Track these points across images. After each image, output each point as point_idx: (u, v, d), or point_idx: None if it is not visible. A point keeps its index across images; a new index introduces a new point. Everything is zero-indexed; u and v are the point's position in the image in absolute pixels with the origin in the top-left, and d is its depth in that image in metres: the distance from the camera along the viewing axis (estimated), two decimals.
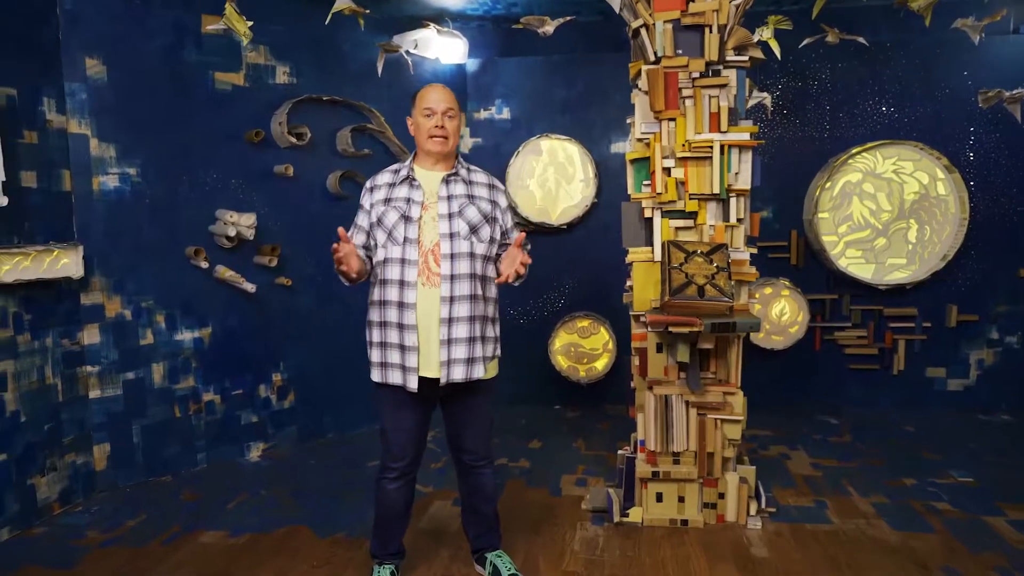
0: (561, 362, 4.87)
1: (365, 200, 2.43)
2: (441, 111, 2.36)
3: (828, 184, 4.54)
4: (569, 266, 4.92)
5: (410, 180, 2.40)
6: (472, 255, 2.35)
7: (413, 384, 2.31)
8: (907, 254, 4.57)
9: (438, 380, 2.34)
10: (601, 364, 4.85)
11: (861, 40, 4.00)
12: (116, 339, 3.55)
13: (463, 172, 2.45)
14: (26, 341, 3.12)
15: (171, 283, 3.70)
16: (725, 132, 2.91)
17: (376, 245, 2.40)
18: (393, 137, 4.39)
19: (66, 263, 3.25)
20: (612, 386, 4.92)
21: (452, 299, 2.31)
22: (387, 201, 2.37)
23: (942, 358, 4.69)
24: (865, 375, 4.77)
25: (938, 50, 4.49)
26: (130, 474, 3.61)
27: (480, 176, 2.49)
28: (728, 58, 2.92)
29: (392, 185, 2.41)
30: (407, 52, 4.43)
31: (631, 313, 3.14)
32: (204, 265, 3.67)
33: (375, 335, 2.39)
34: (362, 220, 2.44)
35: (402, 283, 2.32)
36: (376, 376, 2.39)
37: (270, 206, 4.02)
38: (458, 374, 2.34)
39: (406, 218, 2.33)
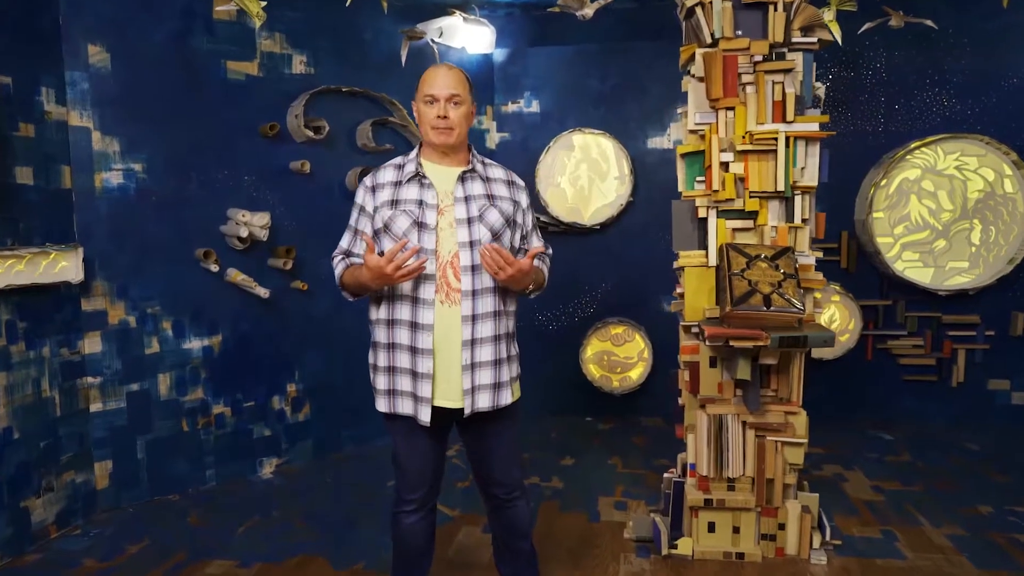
0: (593, 371, 4.57)
1: (367, 201, 2.11)
2: (444, 97, 2.05)
3: (883, 181, 4.21)
4: (602, 269, 4.62)
5: (420, 178, 2.09)
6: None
7: (425, 416, 2.02)
8: (970, 257, 4.23)
9: (456, 410, 2.06)
10: (636, 374, 4.55)
11: (929, 23, 3.67)
12: (119, 348, 3.30)
13: (479, 167, 2.14)
14: (20, 351, 2.87)
15: (179, 287, 3.44)
16: (791, 122, 2.60)
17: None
18: (417, 131, 4.11)
19: (64, 266, 3.00)
20: (647, 397, 4.62)
21: (475, 318, 2.03)
22: (394, 204, 2.07)
23: (1006, 369, 4.34)
24: (921, 387, 4.43)
25: (1006, 35, 4.14)
26: (134, 493, 3.36)
27: (498, 171, 2.19)
28: (794, 39, 2.61)
29: (398, 184, 2.09)
30: (432, 41, 4.16)
31: (681, 324, 2.83)
32: (214, 268, 3.41)
33: (381, 358, 2.10)
34: (363, 224, 2.12)
35: (416, 300, 2.02)
36: (383, 406, 2.11)
37: (285, 205, 3.76)
38: (484, 402, 2.05)
39: (420, 225, 2.03)
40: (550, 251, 2.30)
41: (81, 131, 3.16)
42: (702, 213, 2.74)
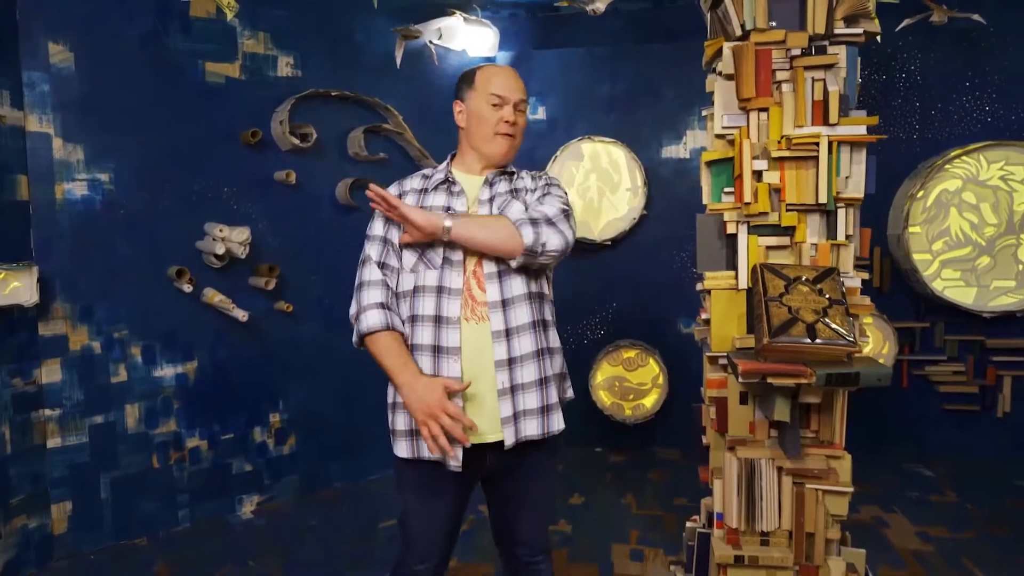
0: (604, 398, 4.23)
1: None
2: (514, 102, 1.83)
3: (920, 193, 3.87)
4: (613, 288, 4.28)
5: (449, 184, 1.83)
6: (527, 269, 1.77)
7: (456, 460, 1.69)
8: (1017, 275, 3.87)
9: (494, 445, 1.74)
10: (650, 401, 4.20)
11: (977, 18, 3.35)
12: (82, 377, 2.98)
13: (510, 172, 1.91)
14: None
15: (149, 310, 3.13)
16: (834, 125, 2.27)
17: (400, 270, 1.81)
18: (413, 140, 3.81)
19: (16, 287, 2.69)
20: (663, 427, 4.27)
21: (509, 333, 1.74)
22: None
23: None
24: (963, 417, 4.07)
25: None
26: (96, 537, 3.03)
27: (525, 174, 1.95)
28: (837, 31, 2.28)
29: (423, 192, 1.84)
30: (431, 42, 3.86)
31: (707, 354, 2.49)
32: (187, 289, 3.10)
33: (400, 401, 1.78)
34: (391, 233, 1.81)
35: (439, 320, 1.73)
36: (403, 450, 1.77)
37: (269, 219, 3.45)
38: (533, 429, 1.75)
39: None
40: (546, 211, 1.83)
41: (40, 137, 2.86)
42: (731, 229, 2.40)
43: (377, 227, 1.85)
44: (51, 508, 2.93)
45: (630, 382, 4.22)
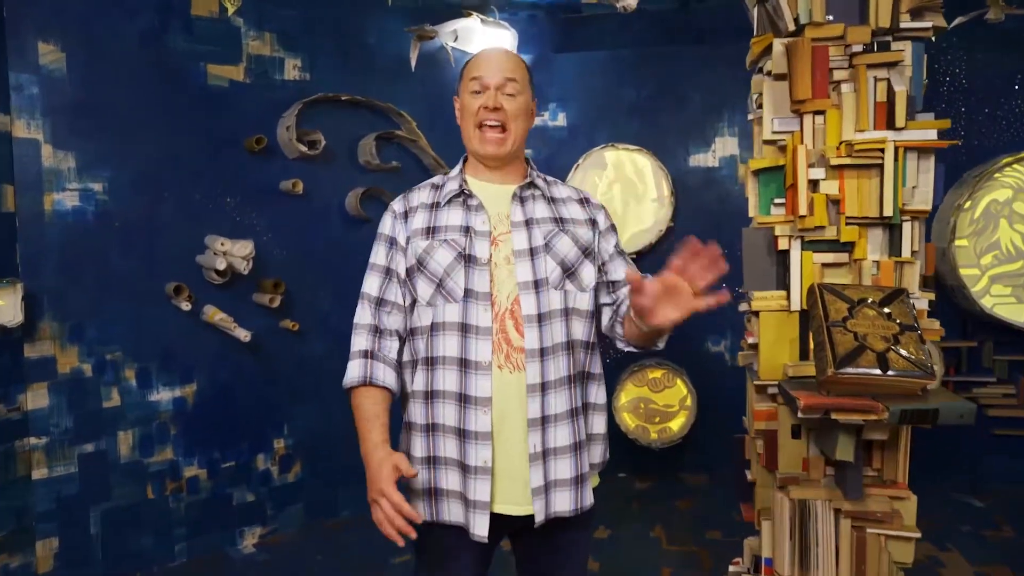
0: (628, 421, 3.98)
1: (397, 230, 1.58)
2: (496, 84, 1.53)
3: (967, 204, 3.62)
4: None
5: (465, 197, 1.57)
6: (569, 313, 1.53)
7: (482, 529, 1.45)
8: None
9: (525, 517, 1.49)
10: (677, 424, 3.96)
11: None
12: (71, 402, 2.77)
13: (540, 183, 1.62)
14: None
15: (145, 329, 2.92)
16: (901, 129, 2.04)
17: (415, 302, 1.57)
18: (427, 147, 3.59)
19: (0, 306, 2.48)
20: (691, 451, 4.02)
21: (545, 387, 1.48)
22: (430, 232, 1.54)
23: None
24: (1014, 443, 3.80)
25: None
26: (85, 575, 2.81)
27: (564, 190, 1.67)
28: (903, 24, 2.05)
29: (435, 207, 1.58)
30: (447, 45, 3.66)
31: (755, 382, 2.25)
32: (185, 307, 2.88)
33: (417, 446, 1.54)
34: (398, 262, 1.57)
35: (465, 364, 1.48)
36: (421, 511, 1.53)
37: (274, 231, 3.24)
38: (564, 504, 1.49)
39: (468, 259, 1.50)
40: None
41: (28, 144, 2.66)
42: (783, 244, 2.17)
43: (379, 254, 1.61)
44: (36, 545, 2.70)
45: (656, 404, 3.97)
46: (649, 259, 4.01)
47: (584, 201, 1.66)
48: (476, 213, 1.54)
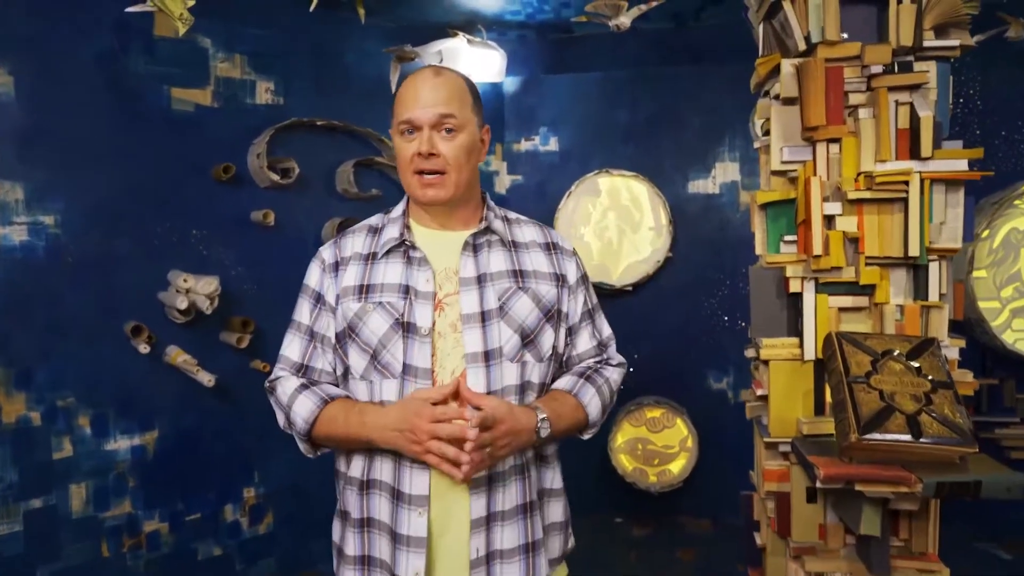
0: (625, 463, 3.74)
1: (325, 285, 1.37)
2: (429, 122, 1.31)
3: (985, 233, 3.42)
4: (634, 338, 3.82)
5: (406, 248, 1.35)
6: (525, 389, 1.31)
7: None
8: None
9: None
10: (677, 467, 3.72)
11: None
12: (16, 453, 2.53)
13: (499, 226, 1.39)
14: None
15: (101, 373, 2.69)
16: (927, 159, 1.82)
17: (344, 373, 1.35)
18: None
19: None
20: (692, 496, 3.78)
21: (492, 479, 1.27)
22: (363, 291, 1.32)
23: None
24: None
25: None
26: None
27: (530, 231, 1.45)
28: (927, 43, 1.85)
29: (371, 258, 1.35)
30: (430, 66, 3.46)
31: (765, 439, 2.02)
32: (143, 349, 2.65)
33: (350, 543, 1.32)
34: (324, 323, 1.36)
35: (400, 453, 1.27)
36: None
37: (244, 265, 3.02)
38: None
39: (407, 328, 1.28)
40: (614, 357, 1.52)
41: None
42: (794, 286, 1.95)
43: (302, 311, 1.40)
44: None
45: (655, 445, 3.74)
46: (646, 292, 3.79)
47: (551, 247, 1.42)
48: (419, 269, 1.32)
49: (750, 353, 2.17)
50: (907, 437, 1.58)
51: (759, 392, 2.07)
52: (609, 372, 1.47)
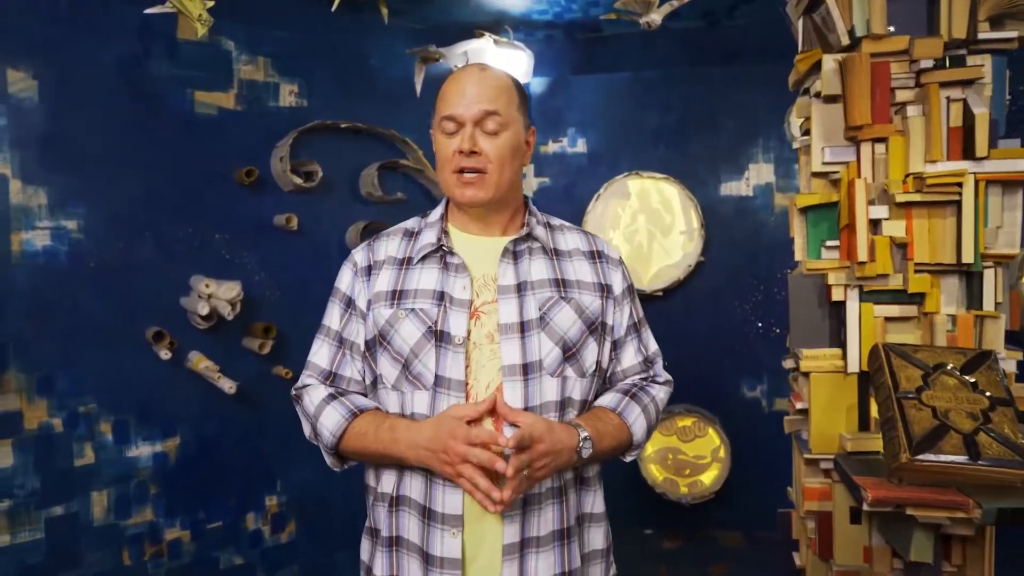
0: (655, 473, 3.64)
1: (357, 290, 1.31)
2: (472, 118, 1.24)
3: None
4: (665, 345, 3.61)
5: (444, 254, 1.28)
6: (565, 406, 1.23)
7: None
8: None
9: None
10: (709, 478, 3.60)
11: None
12: (39, 460, 2.51)
13: (541, 233, 1.32)
14: None
15: (123, 379, 2.67)
16: (982, 159, 1.71)
17: (374, 382, 1.28)
18: (435, 176, 3.33)
19: None
20: (724, 507, 3.65)
21: (527, 505, 1.20)
22: (396, 297, 1.26)
23: None
24: None
25: None
26: None
27: (574, 238, 1.38)
28: (981, 35, 1.73)
29: (406, 263, 1.29)
30: (456, 68, 3.40)
31: (806, 456, 1.92)
32: (165, 355, 2.63)
33: (380, 563, 1.26)
34: (354, 330, 1.31)
35: (432, 472, 1.20)
36: None
37: (267, 270, 2.99)
38: None
39: (440, 337, 1.22)
40: (661, 375, 1.45)
41: None
42: (837, 294, 1.84)
43: (332, 316, 1.35)
44: None
45: (686, 455, 3.62)
46: (677, 297, 3.69)
47: (596, 256, 1.35)
48: (456, 275, 1.25)
49: (788, 364, 2.07)
50: (964, 458, 1.47)
51: (799, 405, 1.97)
52: (655, 390, 1.39)
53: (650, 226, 3.66)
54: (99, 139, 2.61)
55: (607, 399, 1.32)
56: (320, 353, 1.35)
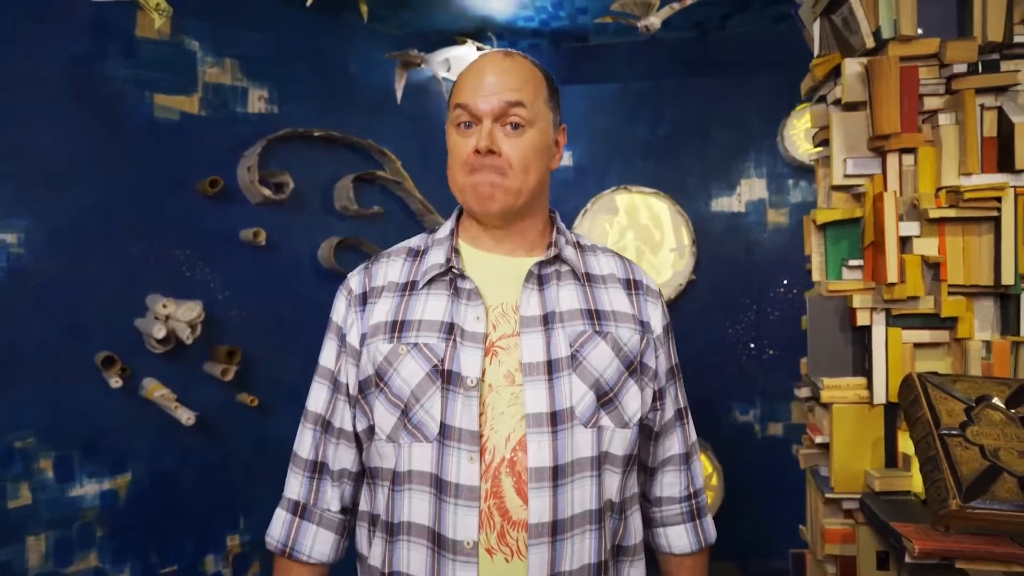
0: None
1: (350, 321, 1.12)
2: (492, 113, 1.05)
3: None
4: None
5: (454, 277, 1.08)
6: (603, 462, 1.03)
7: None
8: None
9: None
10: None
11: None
12: None
13: (570, 253, 1.13)
14: None
15: (67, 410, 2.40)
16: (1022, 171, 1.57)
17: (369, 431, 1.09)
18: (414, 190, 3.14)
19: None
20: (718, 538, 3.47)
21: None
22: (396, 329, 1.06)
23: None
24: None
25: None
26: None
27: (607, 262, 1.18)
28: (1018, 38, 1.61)
29: (409, 289, 1.09)
30: (439, 77, 3.23)
31: (827, 495, 1.75)
32: (115, 383, 2.38)
33: None
34: (347, 370, 1.12)
35: (439, 542, 0.99)
36: None
37: (232, 289, 2.75)
38: None
39: (447, 378, 1.02)
40: (692, 437, 1.28)
41: None
42: (862, 319, 1.69)
43: (327, 354, 1.15)
44: None
45: None
46: (669, 316, 3.52)
47: (634, 285, 1.15)
48: (468, 303, 1.05)
49: (803, 393, 1.91)
50: (1022, 505, 1.30)
51: (818, 439, 1.80)
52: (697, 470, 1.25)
53: (639, 243, 3.50)
54: (45, 144, 2.37)
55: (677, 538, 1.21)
56: (315, 396, 1.16)
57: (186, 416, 2.43)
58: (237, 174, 2.75)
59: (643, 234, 3.50)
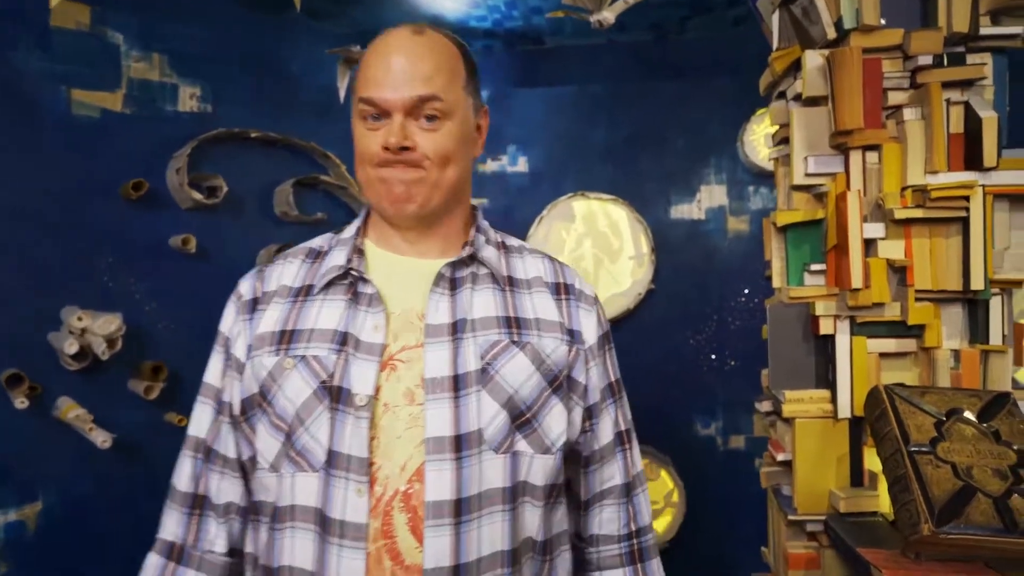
0: None
1: (237, 331, 0.99)
2: (404, 105, 0.92)
3: None
4: None
5: (353, 281, 0.95)
6: (517, 494, 0.90)
7: None
8: None
9: None
10: (662, 525, 3.30)
11: None
12: None
13: (490, 254, 1.00)
14: None
15: None
16: (990, 169, 1.48)
17: (253, 461, 0.94)
18: (359, 195, 2.98)
19: None
20: (679, 557, 3.35)
21: None
22: (284, 340, 0.93)
23: None
24: None
25: None
26: None
27: (534, 264, 1.05)
28: (984, 30, 1.52)
29: (303, 294, 0.96)
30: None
31: (791, 517, 1.63)
32: (22, 404, 2.17)
33: None
34: (231, 386, 0.98)
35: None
36: None
37: (159, 299, 2.56)
38: None
39: (336, 396, 0.88)
40: (637, 467, 1.13)
41: None
42: (825, 327, 1.58)
43: (212, 368, 1.01)
44: None
45: None
46: (627, 327, 3.41)
47: (564, 289, 1.02)
48: (368, 310, 0.91)
49: (764, 407, 1.79)
50: (998, 528, 1.20)
51: (779, 456, 1.69)
52: (645, 512, 1.11)
53: (597, 251, 3.39)
54: None
55: None
56: (197, 418, 1.01)
57: (102, 439, 2.23)
58: (166, 177, 2.56)
59: (601, 242, 3.39)
